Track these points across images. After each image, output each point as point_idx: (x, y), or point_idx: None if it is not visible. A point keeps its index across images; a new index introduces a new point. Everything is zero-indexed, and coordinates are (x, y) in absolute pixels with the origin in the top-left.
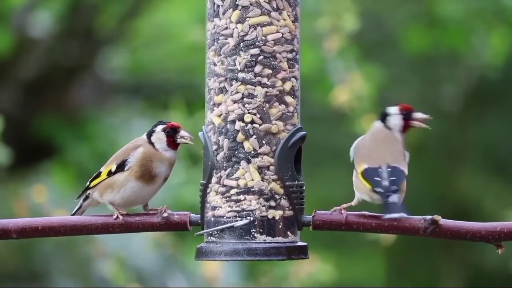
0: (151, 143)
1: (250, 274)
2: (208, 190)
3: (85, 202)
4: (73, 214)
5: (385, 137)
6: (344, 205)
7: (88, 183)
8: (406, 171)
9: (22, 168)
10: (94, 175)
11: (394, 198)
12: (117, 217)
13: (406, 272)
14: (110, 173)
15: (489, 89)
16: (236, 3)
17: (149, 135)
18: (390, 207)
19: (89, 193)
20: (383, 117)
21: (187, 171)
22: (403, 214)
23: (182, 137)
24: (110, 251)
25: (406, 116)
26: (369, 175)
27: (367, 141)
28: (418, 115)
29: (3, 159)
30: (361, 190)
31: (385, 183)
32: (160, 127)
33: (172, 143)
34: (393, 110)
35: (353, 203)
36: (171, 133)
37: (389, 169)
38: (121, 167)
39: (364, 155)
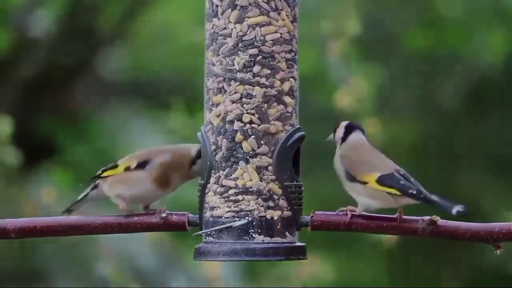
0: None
1: (249, 274)
2: (207, 190)
3: (93, 191)
4: (79, 201)
5: (370, 147)
6: (351, 207)
7: (100, 172)
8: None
9: (21, 168)
10: (110, 165)
11: (434, 196)
12: (123, 207)
13: (406, 272)
14: (127, 169)
15: (489, 89)
16: (235, 3)
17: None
18: (444, 204)
19: (98, 183)
20: (351, 131)
21: None
22: (460, 206)
23: None
24: (110, 251)
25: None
26: (391, 181)
27: (357, 152)
28: None
29: (13, 160)
30: (380, 198)
31: (412, 185)
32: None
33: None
34: (359, 124)
35: (358, 211)
36: None
37: (401, 173)
38: (142, 166)
39: (367, 164)
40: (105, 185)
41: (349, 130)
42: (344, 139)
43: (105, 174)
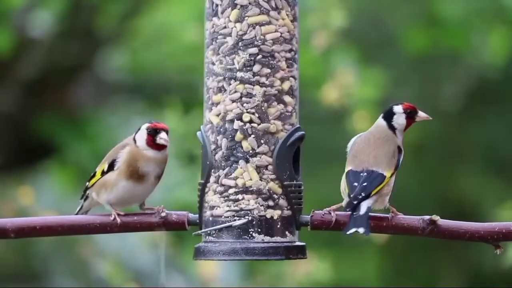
0: (135, 141)
1: (248, 274)
2: (207, 189)
3: (85, 202)
4: (76, 215)
5: (380, 137)
6: (334, 207)
7: (87, 183)
8: (386, 173)
9: (22, 168)
10: (91, 175)
11: (361, 208)
12: (115, 218)
13: (406, 272)
14: (103, 173)
15: (489, 89)
16: (235, 2)
17: (136, 132)
18: (352, 221)
19: (88, 193)
20: (388, 116)
21: (182, 170)
22: (359, 230)
23: (161, 138)
24: (107, 251)
25: (410, 115)
26: (349, 178)
27: (361, 140)
28: (421, 114)
29: None
30: (344, 192)
31: (357, 190)
32: (144, 126)
33: (152, 142)
34: (398, 109)
35: (343, 203)
36: (152, 132)
37: (365, 174)
38: (111, 166)
39: (352, 155)
40: (93, 194)
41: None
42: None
43: (90, 184)
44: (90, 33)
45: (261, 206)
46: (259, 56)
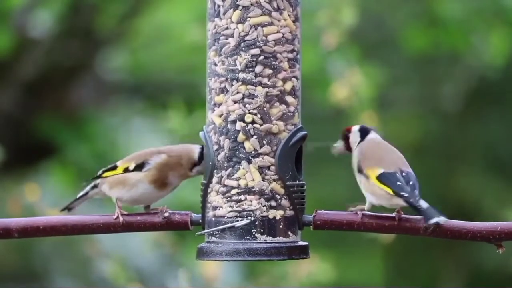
0: (199, 159)
1: (250, 274)
2: (209, 190)
3: (92, 190)
4: (78, 198)
5: (387, 145)
6: (360, 206)
7: (100, 172)
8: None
9: (22, 168)
10: (109, 166)
11: (423, 203)
12: (117, 217)
13: (406, 272)
14: (126, 170)
15: (489, 89)
16: (237, 3)
17: (200, 153)
18: (427, 212)
19: (98, 183)
20: (367, 132)
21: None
22: (442, 218)
23: None
24: (109, 251)
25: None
26: (388, 179)
27: (372, 147)
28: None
29: None
30: (378, 195)
31: (407, 188)
32: None
33: None
34: (370, 126)
35: (366, 207)
36: None
37: (404, 174)
38: (139, 167)
39: (375, 159)
40: (104, 185)
41: (364, 132)
42: (361, 141)
43: (105, 174)
44: (90, 33)
45: (263, 206)
46: (261, 57)
